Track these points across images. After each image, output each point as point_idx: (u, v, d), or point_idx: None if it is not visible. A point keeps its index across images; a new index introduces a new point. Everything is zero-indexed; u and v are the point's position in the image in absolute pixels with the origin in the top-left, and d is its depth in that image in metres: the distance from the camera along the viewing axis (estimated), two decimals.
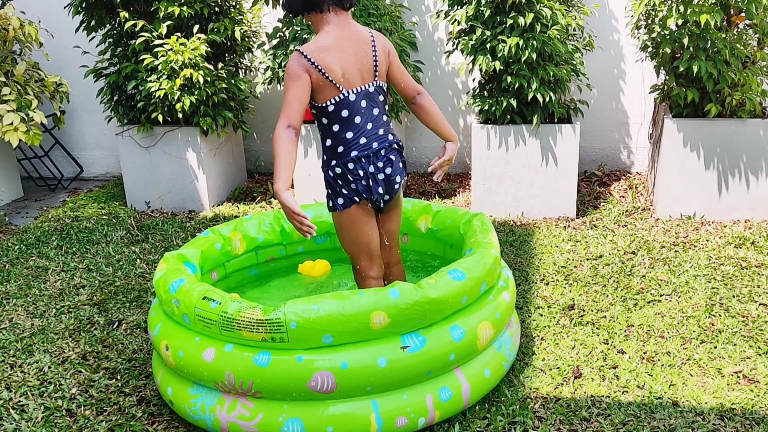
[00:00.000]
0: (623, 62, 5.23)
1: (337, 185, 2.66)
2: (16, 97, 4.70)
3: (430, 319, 2.48)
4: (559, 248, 4.02)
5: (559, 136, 4.39)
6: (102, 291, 3.72)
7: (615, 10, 5.12)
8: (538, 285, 3.59)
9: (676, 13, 4.00)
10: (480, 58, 4.26)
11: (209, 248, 3.10)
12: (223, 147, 5.14)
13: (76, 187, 5.76)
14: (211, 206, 5.01)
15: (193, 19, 4.72)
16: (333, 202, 2.69)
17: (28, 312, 3.52)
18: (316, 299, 2.38)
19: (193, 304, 2.49)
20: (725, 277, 3.59)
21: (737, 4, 3.97)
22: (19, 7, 5.34)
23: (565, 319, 3.24)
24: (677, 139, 4.27)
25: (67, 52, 5.41)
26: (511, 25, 4.19)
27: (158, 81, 4.57)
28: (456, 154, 2.74)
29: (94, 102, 5.60)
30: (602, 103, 5.31)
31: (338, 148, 2.64)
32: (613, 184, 5.14)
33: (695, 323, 3.17)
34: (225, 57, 5.00)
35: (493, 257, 2.72)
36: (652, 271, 3.68)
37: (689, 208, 4.37)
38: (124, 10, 4.65)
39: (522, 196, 4.53)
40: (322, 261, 3.46)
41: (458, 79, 5.41)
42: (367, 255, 2.76)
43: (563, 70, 4.31)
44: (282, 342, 2.36)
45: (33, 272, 3.99)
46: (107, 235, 4.52)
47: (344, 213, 2.68)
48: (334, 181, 2.67)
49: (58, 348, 3.16)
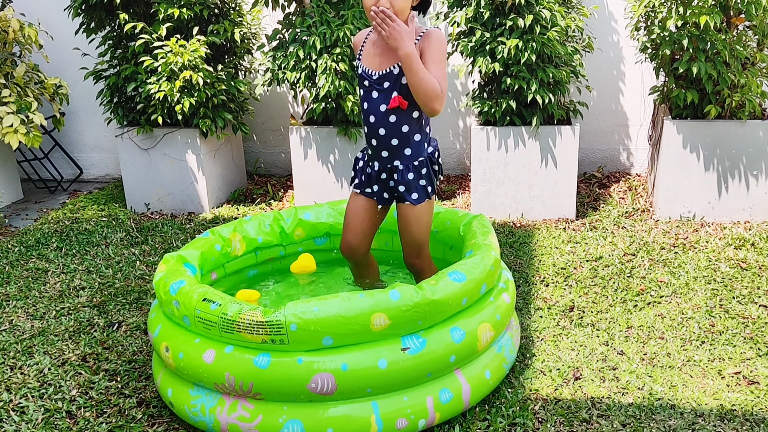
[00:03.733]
0: (623, 64, 5.23)
1: (430, 176, 2.78)
2: (15, 99, 4.70)
3: (431, 321, 2.48)
4: (559, 250, 4.02)
5: (559, 137, 4.39)
6: (102, 293, 3.72)
7: (614, 12, 5.12)
8: (537, 286, 3.59)
9: (675, 15, 4.01)
10: (479, 59, 4.26)
11: (209, 249, 3.10)
12: (222, 149, 5.14)
13: (76, 189, 5.76)
14: (211, 208, 5.01)
15: (193, 21, 4.72)
16: (426, 193, 2.79)
17: (27, 314, 3.52)
18: (316, 301, 2.38)
19: (193, 306, 2.49)
20: (725, 278, 3.59)
21: (737, 6, 3.98)
22: (19, 8, 5.34)
23: (565, 321, 3.24)
24: (677, 140, 4.27)
25: (66, 54, 5.41)
26: (510, 26, 4.20)
27: (158, 83, 4.57)
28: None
29: (93, 104, 5.61)
30: (602, 105, 5.32)
31: (424, 144, 2.77)
32: (613, 185, 5.14)
33: (695, 324, 3.17)
34: (224, 59, 5.00)
35: (493, 259, 2.72)
36: (651, 273, 3.68)
37: (689, 209, 4.37)
38: (123, 12, 4.65)
39: (522, 198, 4.53)
40: (307, 255, 3.46)
41: (458, 81, 5.41)
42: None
43: (563, 71, 4.31)
44: (282, 344, 2.36)
45: (33, 274, 3.98)
46: (107, 236, 4.52)
47: (431, 201, 2.82)
48: (430, 172, 2.78)
49: (58, 350, 3.16)
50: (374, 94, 2.67)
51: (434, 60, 2.57)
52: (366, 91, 2.70)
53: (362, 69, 2.71)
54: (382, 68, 2.65)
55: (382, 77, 2.65)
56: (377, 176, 2.82)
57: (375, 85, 2.66)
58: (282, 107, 5.63)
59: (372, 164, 2.83)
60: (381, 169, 2.80)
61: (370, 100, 2.69)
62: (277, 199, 5.17)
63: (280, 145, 5.74)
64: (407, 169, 2.75)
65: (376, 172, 2.82)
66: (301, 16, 4.70)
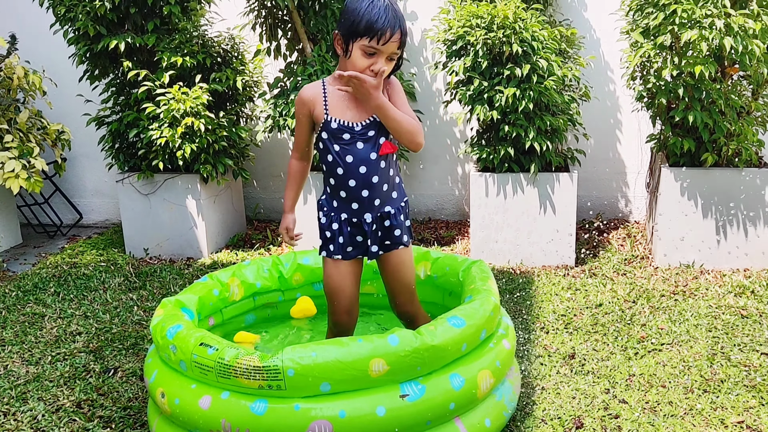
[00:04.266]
0: (619, 112, 5.30)
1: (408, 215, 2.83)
2: (18, 144, 4.74)
3: (430, 367, 2.45)
4: (559, 296, 4.01)
5: (557, 184, 4.42)
6: (98, 338, 3.69)
7: (610, 62, 5.21)
8: (538, 333, 3.57)
9: (670, 65, 4.08)
10: (478, 107, 4.32)
11: (207, 294, 3.09)
12: (222, 194, 5.16)
13: (75, 234, 5.76)
14: (210, 253, 5.00)
15: (196, 68, 4.80)
16: (410, 233, 2.83)
17: (23, 359, 3.48)
18: (314, 345, 2.36)
19: (190, 350, 2.47)
20: (726, 326, 3.57)
21: (731, 56, 4.04)
22: (25, 56, 5.43)
23: (565, 368, 3.21)
24: (674, 188, 4.30)
25: (70, 100, 5.48)
26: (508, 75, 4.26)
27: (160, 129, 4.61)
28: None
29: (95, 149, 5.65)
30: (599, 153, 5.36)
31: (402, 185, 2.83)
32: (612, 232, 5.15)
33: (697, 372, 3.13)
34: (226, 106, 5.06)
35: (493, 304, 2.70)
36: (652, 320, 3.66)
37: (688, 256, 4.37)
38: (127, 60, 4.72)
39: (521, 244, 4.53)
40: (306, 298, 3.44)
41: (456, 128, 5.47)
42: None
43: (560, 119, 4.36)
44: (279, 389, 2.33)
45: (29, 319, 3.96)
46: (105, 281, 4.50)
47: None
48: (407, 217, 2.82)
49: (52, 396, 3.12)
50: (359, 145, 2.63)
51: (403, 103, 2.67)
52: (346, 145, 2.63)
53: (339, 123, 2.63)
54: (363, 118, 2.63)
55: (366, 127, 2.63)
56: (371, 230, 2.71)
57: (359, 136, 2.63)
58: (282, 153, 5.68)
59: (358, 220, 2.71)
60: (373, 220, 2.70)
61: (356, 151, 2.62)
62: (276, 245, 5.17)
63: (280, 191, 5.76)
64: (398, 212, 2.75)
65: (369, 225, 2.70)
66: (302, 64, 4.78)
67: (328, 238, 2.74)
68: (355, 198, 2.67)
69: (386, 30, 2.48)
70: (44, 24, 5.12)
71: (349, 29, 2.51)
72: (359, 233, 2.72)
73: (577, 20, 5.16)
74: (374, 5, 2.49)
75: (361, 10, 2.49)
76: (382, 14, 2.48)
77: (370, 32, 2.48)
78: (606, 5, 5.05)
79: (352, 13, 2.50)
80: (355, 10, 2.50)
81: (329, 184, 2.71)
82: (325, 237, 2.75)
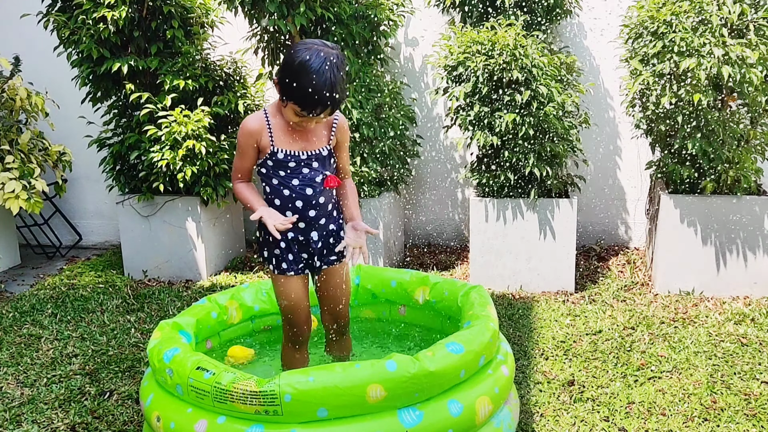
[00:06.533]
0: (619, 139, 5.32)
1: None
2: (19, 165, 4.75)
3: (428, 393, 2.43)
4: (558, 322, 3.99)
5: (557, 210, 4.42)
6: (95, 360, 3.67)
7: (610, 89, 5.24)
8: (537, 360, 3.55)
9: (669, 93, 4.10)
10: (478, 133, 4.34)
11: (205, 317, 3.07)
12: (222, 217, 5.16)
13: (74, 255, 5.75)
14: (209, 275, 4.99)
15: (198, 92, 4.83)
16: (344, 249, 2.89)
17: (18, 381, 3.46)
18: (310, 371, 2.35)
19: (186, 374, 2.45)
20: (726, 353, 3.55)
21: (729, 85, 4.07)
22: (28, 78, 5.46)
23: (564, 395, 3.19)
24: (674, 215, 4.30)
25: (72, 122, 5.50)
26: (508, 101, 4.29)
27: (161, 151, 4.63)
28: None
29: (96, 171, 5.66)
30: (599, 179, 5.38)
31: (337, 202, 2.90)
32: (611, 259, 5.14)
33: (697, 401, 3.11)
34: (228, 129, 5.08)
35: (492, 330, 2.69)
36: (652, 347, 3.64)
37: (688, 283, 4.36)
38: (130, 83, 4.75)
39: (520, 270, 4.52)
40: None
41: (456, 153, 5.49)
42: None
43: (560, 145, 4.38)
44: (276, 415, 2.31)
45: (26, 340, 3.94)
46: (102, 303, 4.48)
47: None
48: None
49: (47, 418, 3.09)
50: (305, 170, 2.71)
51: (346, 148, 2.83)
52: (292, 171, 2.70)
53: (285, 153, 2.69)
54: (309, 150, 2.71)
55: (311, 158, 2.71)
56: (316, 248, 2.80)
57: (304, 164, 2.72)
58: None
59: (305, 239, 2.78)
60: (319, 237, 2.80)
61: (302, 175, 2.71)
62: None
63: None
64: (339, 228, 2.85)
65: (315, 243, 2.79)
66: None
67: (278, 255, 2.80)
68: (301, 218, 2.75)
69: (317, 108, 2.52)
70: (49, 46, 5.16)
71: (285, 87, 2.53)
72: (305, 251, 2.81)
73: (576, 48, 5.21)
74: (315, 79, 2.46)
75: (300, 79, 2.47)
76: (319, 91, 2.47)
77: (301, 103, 2.52)
78: (605, 33, 5.09)
79: (292, 75, 2.49)
80: (296, 73, 2.47)
81: (273, 205, 2.75)
82: (275, 255, 2.80)
